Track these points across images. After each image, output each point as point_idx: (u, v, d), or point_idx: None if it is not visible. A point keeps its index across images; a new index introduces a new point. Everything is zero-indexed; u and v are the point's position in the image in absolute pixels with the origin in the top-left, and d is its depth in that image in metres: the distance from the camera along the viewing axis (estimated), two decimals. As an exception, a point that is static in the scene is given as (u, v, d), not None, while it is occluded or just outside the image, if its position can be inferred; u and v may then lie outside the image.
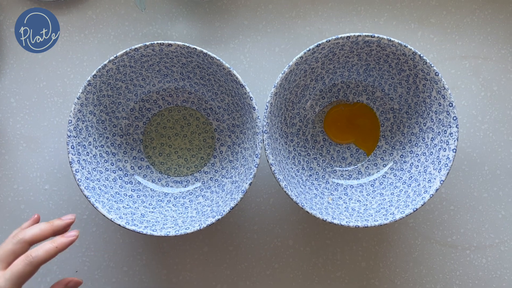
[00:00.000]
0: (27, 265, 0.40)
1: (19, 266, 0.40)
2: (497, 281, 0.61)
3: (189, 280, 0.62)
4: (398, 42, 0.51)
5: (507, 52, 0.61)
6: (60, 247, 0.42)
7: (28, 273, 0.40)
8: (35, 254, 0.41)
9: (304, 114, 0.60)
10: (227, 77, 0.53)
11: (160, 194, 0.58)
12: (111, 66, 0.52)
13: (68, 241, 0.43)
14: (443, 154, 0.52)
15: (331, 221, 0.51)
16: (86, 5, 0.61)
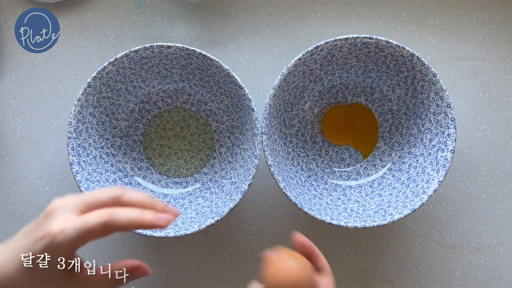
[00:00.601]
0: (101, 224, 0.34)
1: (92, 220, 0.34)
2: (495, 281, 0.61)
3: (189, 281, 0.62)
4: (396, 44, 0.51)
5: (505, 53, 0.61)
6: (145, 224, 0.34)
7: (97, 233, 0.34)
8: (116, 216, 0.34)
9: (303, 115, 0.60)
10: (226, 79, 0.53)
11: (160, 195, 0.58)
12: (111, 68, 0.52)
13: (154, 223, 0.35)
14: (441, 155, 0.53)
15: (329, 221, 0.51)
16: (86, 7, 0.61)
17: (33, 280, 0.34)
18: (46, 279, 0.34)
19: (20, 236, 0.36)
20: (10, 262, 0.34)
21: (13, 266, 0.34)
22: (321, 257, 0.40)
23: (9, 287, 0.34)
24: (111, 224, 0.34)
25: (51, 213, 0.35)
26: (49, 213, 0.35)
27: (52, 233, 0.33)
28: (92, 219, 0.34)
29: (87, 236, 0.34)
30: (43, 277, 0.34)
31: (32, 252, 0.34)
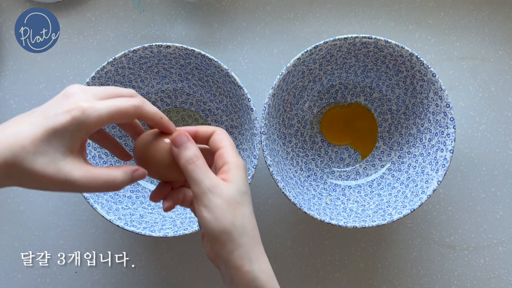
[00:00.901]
0: (134, 106, 0.34)
1: (122, 101, 0.34)
2: (495, 281, 0.61)
3: (188, 281, 0.62)
4: (395, 43, 0.51)
5: (504, 53, 0.61)
6: (163, 120, 0.37)
7: (127, 115, 0.34)
8: (143, 103, 0.35)
9: (302, 115, 0.60)
10: (225, 79, 0.53)
11: (159, 195, 0.58)
12: (109, 68, 0.52)
13: (169, 125, 0.38)
14: (441, 155, 0.53)
15: (329, 221, 0.51)
16: (85, 7, 0.61)
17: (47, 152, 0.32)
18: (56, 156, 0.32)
19: (26, 115, 0.33)
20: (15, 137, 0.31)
21: (18, 141, 0.31)
22: (202, 128, 0.39)
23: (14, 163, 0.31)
24: (142, 109, 0.35)
25: (73, 94, 0.33)
26: (70, 94, 0.33)
27: (83, 107, 0.32)
28: (124, 100, 0.34)
29: (117, 115, 0.33)
30: (54, 154, 0.32)
31: (51, 127, 0.32)
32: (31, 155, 0.31)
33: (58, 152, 0.32)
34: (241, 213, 0.36)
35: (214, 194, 0.35)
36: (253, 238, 0.36)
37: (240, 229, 0.35)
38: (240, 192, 0.36)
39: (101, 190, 0.34)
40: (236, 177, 0.36)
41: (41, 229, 0.61)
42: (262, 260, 0.36)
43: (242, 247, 0.36)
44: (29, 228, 0.61)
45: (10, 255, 0.61)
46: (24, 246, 0.61)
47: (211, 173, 0.36)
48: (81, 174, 0.33)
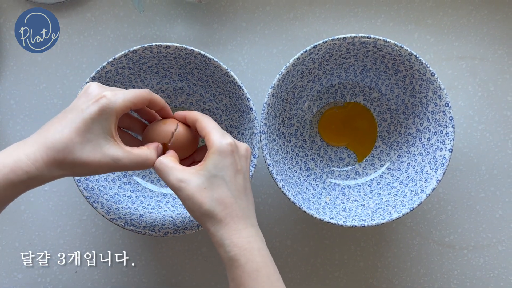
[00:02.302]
0: (145, 91, 0.42)
1: (140, 90, 0.42)
2: (494, 280, 0.61)
3: (188, 280, 0.62)
4: (394, 43, 0.51)
5: (503, 52, 0.61)
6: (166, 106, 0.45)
7: (143, 98, 0.41)
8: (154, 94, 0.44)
9: (302, 114, 0.60)
10: (225, 79, 0.53)
11: (159, 194, 0.59)
12: (109, 68, 0.52)
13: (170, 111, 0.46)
14: (440, 154, 0.53)
15: (328, 220, 0.51)
16: (85, 8, 0.61)
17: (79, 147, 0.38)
18: (91, 142, 0.38)
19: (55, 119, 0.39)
20: (61, 133, 0.37)
21: (65, 136, 0.37)
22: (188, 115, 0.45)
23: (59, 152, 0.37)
24: (153, 96, 0.43)
25: (94, 89, 0.40)
26: (91, 90, 0.40)
27: (108, 95, 0.39)
28: (139, 89, 0.42)
29: (137, 98, 0.41)
30: (97, 141, 0.38)
31: (87, 117, 0.38)
32: (79, 145, 0.37)
33: (100, 138, 0.38)
34: (208, 197, 0.40)
35: (180, 189, 0.40)
36: (225, 218, 0.40)
37: (209, 212, 0.40)
38: (208, 177, 0.40)
39: (140, 168, 0.41)
40: (208, 164, 0.41)
41: (41, 229, 0.61)
42: (236, 236, 0.40)
43: (214, 227, 0.40)
44: (29, 228, 0.61)
45: (11, 255, 0.61)
46: (24, 246, 0.61)
47: (175, 171, 0.40)
48: (124, 155, 0.39)
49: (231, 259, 0.39)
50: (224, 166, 0.41)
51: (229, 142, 0.41)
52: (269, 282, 0.40)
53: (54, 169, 0.37)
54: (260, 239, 0.41)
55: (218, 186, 0.40)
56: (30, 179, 0.37)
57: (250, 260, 0.39)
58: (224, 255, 0.40)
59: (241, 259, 0.39)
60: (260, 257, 0.40)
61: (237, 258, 0.39)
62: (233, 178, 0.41)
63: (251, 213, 0.42)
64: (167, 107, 0.46)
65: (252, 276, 0.39)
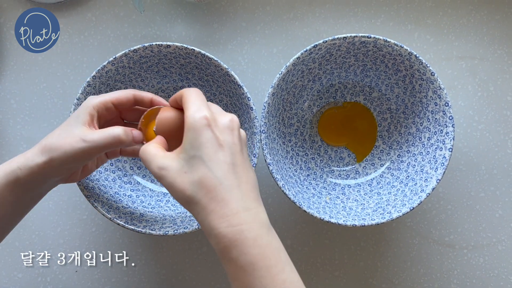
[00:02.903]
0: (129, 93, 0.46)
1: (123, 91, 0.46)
2: (494, 280, 0.62)
3: (188, 280, 0.62)
4: (394, 43, 0.51)
5: (503, 52, 0.61)
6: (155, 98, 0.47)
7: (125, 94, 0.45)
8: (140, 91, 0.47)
9: (302, 114, 0.60)
10: (225, 78, 0.53)
11: (159, 194, 0.59)
12: (110, 67, 0.52)
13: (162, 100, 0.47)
14: (440, 154, 0.53)
15: (328, 220, 0.51)
16: (85, 7, 0.61)
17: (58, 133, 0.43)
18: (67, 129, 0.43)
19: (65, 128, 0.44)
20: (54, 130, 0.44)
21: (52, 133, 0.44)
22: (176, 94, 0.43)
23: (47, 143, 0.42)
24: (137, 93, 0.46)
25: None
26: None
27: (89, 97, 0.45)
28: (122, 90, 0.46)
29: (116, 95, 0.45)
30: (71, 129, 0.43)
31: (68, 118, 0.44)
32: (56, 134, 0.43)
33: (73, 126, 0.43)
34: (189, 181, 0.36)
35: (162, 177, 0.37)
36: (210, 202, 0.35)
37: (192, 198, 0.36)
38: (187, 159, 0.36)
39: (112, 142, 0.42)
40: (184, 143, 0.37)
41: (41, 228, 0.61)
42: (224, 224, 0.35)
43: (201, 215, 0.36)
44: (29, 227, 0.61)
45: (11, 255, 0.61)
46: (24, 245, 0.61)
47: (157, 158, 0.38)
48: (92, 133, 0.42)
49: (222, 252, 0.35)
50: (201, 143, 0.36)
51: (203, 115, 0.37)
52: (270, 276, 0.34)
53: (38, 155, 0.42)
54: (259, 225, 0.35)
55: (197, 168, 0.36)
56: (20, 169, 0.42)
57: (243, 252, 0.34)
58: (215, 247, 0.35)
59: (233, 251, 0.34)
60: (257, 248, 0.34)
61: (227, 250, 0.34)
62: (214, 156, 0.36)
63: (245, 193, 0.36)
64: (157, 99, 0.47)
65: (247, 270, 0.34)
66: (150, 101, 0.46)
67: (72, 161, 0.42)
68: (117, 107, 0.46)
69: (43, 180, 0.44)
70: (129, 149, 0.50)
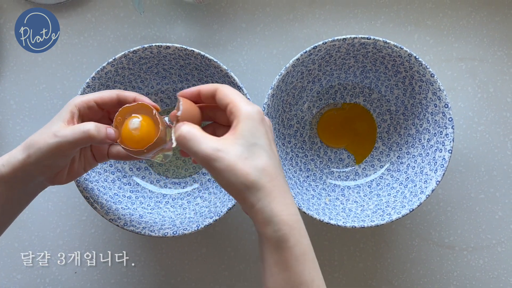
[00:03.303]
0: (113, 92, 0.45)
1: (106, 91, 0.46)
2: (494, 282, 0.61)
3: (187, 281, 0.62)
4: (394, 44, 0.51)
5: (503, 54, 0.61)
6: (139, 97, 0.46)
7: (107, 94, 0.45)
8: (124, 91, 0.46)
9: (302, 115, 0.60)
10: (225, 79, 0.53)
11: (159, 195, 0.59)
12: (109, 68, 0.52)
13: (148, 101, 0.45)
14: (439, 155, 0.53)
15: (327, 221, 0.51)
16: (85, 8, 0.61)
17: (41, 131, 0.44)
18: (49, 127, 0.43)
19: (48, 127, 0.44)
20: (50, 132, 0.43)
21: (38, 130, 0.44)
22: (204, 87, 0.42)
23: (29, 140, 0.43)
24: (121, 93, 0.45)
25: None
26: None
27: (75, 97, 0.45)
28: (106, 91, 0.46)
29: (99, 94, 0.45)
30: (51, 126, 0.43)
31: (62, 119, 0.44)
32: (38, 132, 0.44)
33: (54, 124, 0.43)
34: (252, 167, 0.36)
35: (217, 160, 0.36)
36: (273, 190, 0.36)
37: (255, 185, 0.35)
38: (247, 146, 0.36)
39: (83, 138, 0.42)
40: (243, 131, 0.37)
41: (41, 229, 0.61)
42: (286, 212, 0.36)
43: (261, 201, 0.35)
44: (29, 228, 0.61)
45: (10, 255, 0.61)
46: (24, 246, 0.61)
47: (207, 140, 0.36)
48: (65, 129, 0.42)
49: (279, 240, 0.35)
50: (261, 134, 0.37)
51: (258, 109, 0.38)
52: (315, 267, 0.37)
53: (20, 152, 0.42)
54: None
55: (260, 156, 0.36)
56: (3, 165, 0.43)
57: (299, 242, 0.35)
58: (272, 234, 0.35)
59: (291, 240, 0.35)
60: (307, 239, 0.37)
61: (286, 238, 0.35)
62: (270, 148, 0.38)
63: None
64: (140, 98, 0.45)
65: (299, 260, 0.36)
66: (133, 100, 0.45)
67: (47, 158, 0.42)
68: (100, 107, 0.45)
69: (27, 178, 0.44)
70: (114, 151, 0.48)
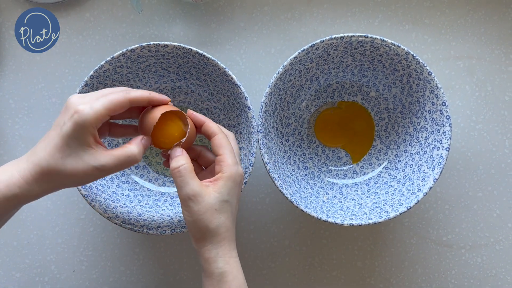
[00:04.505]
0: (121, 96, 0.41)
1: (113, 95, 0.41)
2: (492, 280, 0.62)
3: (186, 280, 0.62)
4: (391, 42, 0.52)
5: (500, 52, 0.61)
6: (152, 96, 0.44)
7: (119, 102, 0.41)
8: (130, 90, 0.43)
9: (300, 114, 0.60)
10: (223, 78, 0.54)
11: (157, 193, 0.59)
12: (108, 67, 0.52)
13: (160, 97, 0.45)
14: (437, 153, 0.53)
15: (325, 219, 0.51)
16: (84, 7, 0.61)
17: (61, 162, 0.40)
18: (72, 156, 0.40)
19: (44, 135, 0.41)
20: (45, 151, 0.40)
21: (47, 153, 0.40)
22: (208, 126, 0.46)
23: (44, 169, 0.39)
24: (128, 95, 0.42)
25: (71, 103, 0.40)
26: (69, 104, 0.40)
27: (80, 109, 0.39)
28: (112, 94, 0.41)
29: (111, 106, 0.40)
30: (77, 153, 0.40)
31: (64, 134, 0.39)
32: (61, 160, 0.39)
33: (79, 150, 0.40)
34: (217, 218, 0.43)
35: (194, 201, 0.42)
36: (224, 239, 0.44)
37: (212, 232, 0.43)
38: (221, 201, 0.43)
39: (127, 166, 0.42)
40: (222, 188, 0.43)
41: (40, 228, 0.61)
42: (228, 255, 0.44)
43: (212, 244, 0.43)
44: (27, 227, 0.61)
45: (9, 254, 0.61)
46: (23, 245, 0.62)
47: (194, 182, 0.42)
48: (106, 159, 0.40)
49: (221, 275, 0.43)
50: (234, 194, 0.44)
51: (241, 172, 0.45)
52: None
53: (44, 184, 0.40)
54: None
55: (226, 211, 0.44)
56: (22, 194, 0.40)
57: (236, 277, 0.44)
58: (215, 270, 0.43)
59: (229, 276, 0.43)
60: (242, 275, 0.45)
61: (226, 274, 0.43)
62: (236, 206, 0.45)
63: None
64: (154, 97, 0.44)
65: None
66: (147, 101, 0.44)
67: (86, 183, 0.42)
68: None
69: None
70: (120, 130, 0.48)
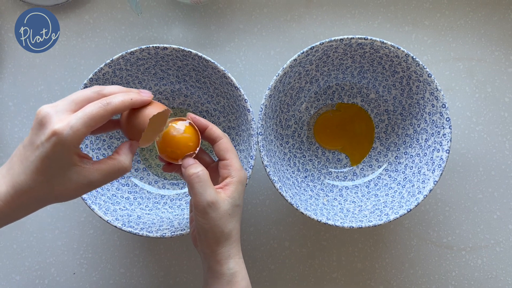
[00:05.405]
0: (101, 108, 0.37)
1: (91, 107, 0.37)
2: (492, 281, 0.61)
3: (186, 282, 0.62)
4: (391, 44, 0.51)
5: (500, 53, 0.61)
6: (134, 100, 0.40)
7: (100, 117, 0.37)
8: (110, 100, 0.38)
9: (299, 116, 0.60)
10: (222, 80, 0.54)
11: (157, 196, 0.59)
12: (107, 70, 0.52)
13: (142, 99, 0.41)
14: (437, 155, 0.53)
15: (325, 222, 0.51)
16: (83, 10, 0.61)
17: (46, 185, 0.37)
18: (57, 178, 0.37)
19: (17, 153, 0.38)
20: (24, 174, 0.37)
21: (28, 177, 0.36)
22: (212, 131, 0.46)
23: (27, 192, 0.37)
24: (109, 106, 0.38)
25: (45, 118, 0.36)
26: (43, 119, 0.36)
27: (58, 130, 0.35)
28: (90, 107, 0.37)
29: (92, 122, 0.37)
30: (54, 178, 0.37)
31: (43, 155, 0.36)
32: (46, 183, 0.37)
33: (64, 170, 0.37)
34: (230, 223, 0.44)
35: (212, 208, 0.43)
36: (235, 241, 0.45)
37: (226, 235, 0.44)
38: (234, 206, 0.44)
39: (117, 177, 0.40)
40: (234, 192, 0.45)
41: (39, 230, 0.61)
42: (238, 256, 0.45)
43: (225, 247, 0.44)
44: (27, 229, 0.61)
45: (8, 257, 0.61)
46: (22, 247, 0.61)
47: (212, 189, 0.43)
48: (95, 175, 0.38)
49: (232, 275, 0.45)
50: (242, 196, 0.46)
51: (246, 175, 0.47)
52: None
53: (32, 205, 0.38)
54: None
55: (237, 214, 0.45)
56: (6, 217, 0.38)
57: (244, 277, 0.45)
58: (226, 271, 0.44)
59: (239, 276, 0.45)
60: (247, 275, 0.46)
61: (236, 275, 0.45)
62: (242, 206, 0.47)
63: None
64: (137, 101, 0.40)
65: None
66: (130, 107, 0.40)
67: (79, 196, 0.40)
68: None
69: None
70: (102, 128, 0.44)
